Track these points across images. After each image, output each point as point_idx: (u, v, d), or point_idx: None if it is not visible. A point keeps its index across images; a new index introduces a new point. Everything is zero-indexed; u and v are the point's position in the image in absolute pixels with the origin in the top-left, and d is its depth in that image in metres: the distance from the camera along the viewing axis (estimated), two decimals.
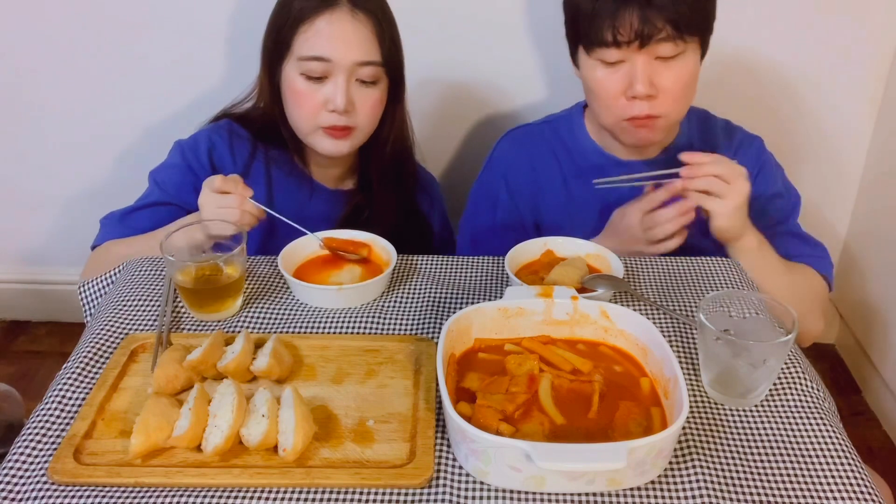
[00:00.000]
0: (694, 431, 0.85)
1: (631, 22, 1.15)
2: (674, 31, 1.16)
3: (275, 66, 1.29)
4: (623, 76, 1.21)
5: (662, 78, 1.20)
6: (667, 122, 1.26)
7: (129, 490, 0.78)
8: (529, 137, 1.43)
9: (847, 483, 0.79)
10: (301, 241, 1.15)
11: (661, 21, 1.15)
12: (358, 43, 1.23)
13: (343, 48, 1.22)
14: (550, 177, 1.38)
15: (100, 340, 0.99)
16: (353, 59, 1.23)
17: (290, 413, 0.82)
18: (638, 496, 0.78)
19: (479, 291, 1.11)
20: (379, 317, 1.04)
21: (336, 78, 1.23)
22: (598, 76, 1.23)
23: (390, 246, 1.14)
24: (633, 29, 1.15)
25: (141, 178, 1.36)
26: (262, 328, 1.03)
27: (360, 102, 1.26)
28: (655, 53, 1.18)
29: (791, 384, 0.92)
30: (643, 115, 1.22)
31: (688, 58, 1.20)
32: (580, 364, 0.90)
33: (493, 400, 0.83)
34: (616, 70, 1.21)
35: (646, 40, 1.16)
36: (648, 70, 1.19)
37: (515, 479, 0.77)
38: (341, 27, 1.22)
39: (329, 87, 1.24)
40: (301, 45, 1.23)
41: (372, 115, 1.29)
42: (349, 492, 0.78)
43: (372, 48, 1.24)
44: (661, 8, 1.14)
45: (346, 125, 1.26)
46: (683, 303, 1.08)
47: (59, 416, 0.87)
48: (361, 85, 1.26)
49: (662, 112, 1.23)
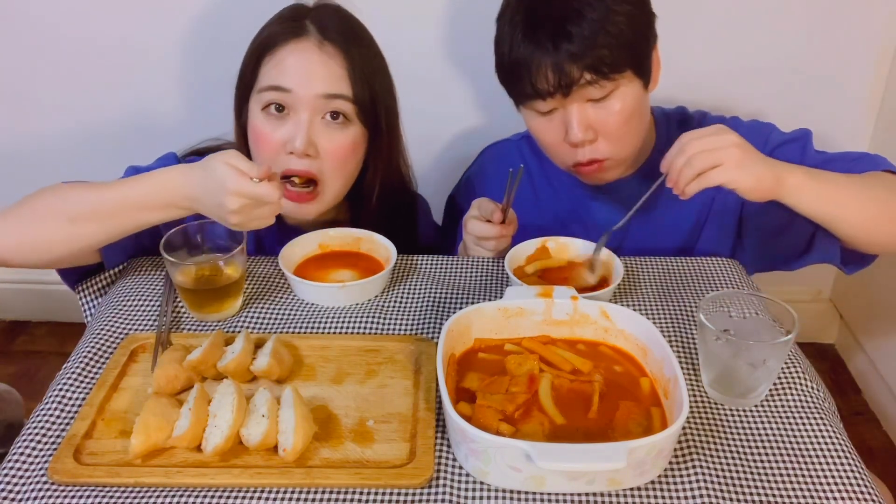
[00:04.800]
0: (694, 431, 0.85)
1: (546, 74, 1.10)
2: (594, 76, 1.09)
3: (242, 105, 1.18)
4: (559, 124, 1.15)
5: (598, 119, 1.14)
6: (615, 161, 1.19)
7: (129, 490, 0.78)
8: (507, 154, 1.40)
9: (847, 483, 0.79)
10: (300, 240, 1.14)
11: (577, 69, 1.09)
12: (324, 75, 1.11)
13: (305, 79, 1.10)
14: (524, 195, 1.29)
15: (100, 340, 0.99)
16: (315, 92, 1.10)
17: (290, 413, 0.82)
18: (638, 496, 0.78)
19: (479, 291, 1.11)
20: (379, 317, 1.04)
21: (298, 115, 1.11)
22: (537, 126, 1.19)
23: (390, 243, 1.14)
24: (549, 81, 1.10)
25: None
26: (262, 328, 1.03)
27: (325, 145, 1.12)
28: (585, 97, 1.12)
29: (791, 384, 0.92)
30: (587, 160, 1.17)
31: (623, 93, 1.13)
32: (580, 364, 0.90)
33: (493, 400, 0.83)
34: (551, 118, 1.16)
35: (567, 90, 1.10)
36: (581, 115, 1.13)
37: (515, 479, 0.77)
38: (306, 57, 1.11)
39: (290, 125, 1.11)
40: (263, 75, 1.13)
41: (340, 162, 1.14)
42: (349, 492, 0.78)
43: (341, 83, 1.11)
44: (574, 56, 1.08)
45: (308, 171, 1.12)
46: (683, 303, 1.08)
47: (59, 416, 0.87)
48: (328, 125, 1.12)
49: (607, 154, 1.17)
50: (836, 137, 1.80)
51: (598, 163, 1.18)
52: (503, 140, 1.44)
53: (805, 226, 1.13)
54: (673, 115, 1.33)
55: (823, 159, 1.18)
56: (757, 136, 1.20)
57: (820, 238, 1.15)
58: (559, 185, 1.34)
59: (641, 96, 1.17)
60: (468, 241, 1.20)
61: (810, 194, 1.01)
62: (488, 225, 1.15)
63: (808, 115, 1.76)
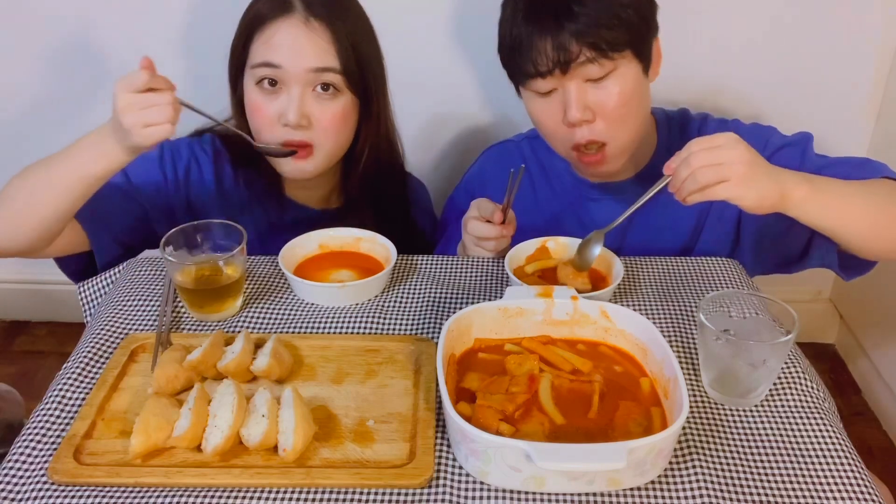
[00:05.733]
0: (694, 431, 0.85)
1: (546, 51, 1.10)
2: (594, 53, 1.10)
3: (236, 80, 1.24)
4: (558, 104, 1.16)
5: (597, 100, 1.14)
6: (616, 147, 1.18)
7: (129, 490, 0.78)
8: (507, 155, 1.40)
9: (847, 483, 0.79)
10: (300, 240, 1.15)
11: (577, 45, 1.09)
12: (311, 50, 1.16)
13: (294, 55, 1.15)
14: (523, 196, 1.29)
15: (100, 340, 0.99)
16: (304, 66, 1.15)
17: (290, 413, 0.82)
18: (638, 496, 0.78)
19: (479, 291, 1.11)
20: (379, 317, 1.04)
21: (290, 89, 1.17)
22: (536, 107, 1.20)
23: (390, 243, 1.14)
24: (549, 58, 1.11)
25: None
26: (262, 328, 1.03)
27: (318, 116, 1.18)
28: (584, 76, 1.12)
29: (791, 384, 0.92)
30: (585, 141, 1.17)
31: (622, 74, 1.13)
32: (580, 364, 0.91)
33: (493, 400, 0.83)
34: (550, 99, 1.16)
35: (566, 67, 1.11)
36: (580, 94, 1.13)
37: (515, 479, 0.77)
38: (293, 33, 1.16)
39: (283, 99, 1.17)
40: (254, 52, 1.18)
41: (333, 130, 1.21)
42: (349, 492, 0.78)
43: (327, 56, 1.16)
44: (576, 33, 1.09)
45: (304, 141, 1.19)
46: (683, 303, 1.08)
47: (59, 416, 0.87)
48: (319, 97, 1.18)
49: (605, 136, 1.16)
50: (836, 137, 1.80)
51: (599, 152, 1.18)
52: (504, 141, 1.44)
53: (803, 231, 1.13)
54: (675, 118, 1.33)
55: (823, 164, 1.18)
56: (757, 139, 1.19)
57: (817, 244, 1.15)
58: (559, 186, 1.34)
59: (640, 80, 1.17)
60: (468, 241, 1.20)
61: (815, 207, 1.00)
62: (488, 225, 1.15)
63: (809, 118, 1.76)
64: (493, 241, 1.16)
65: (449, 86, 1.72)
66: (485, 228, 1.15)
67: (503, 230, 1.15)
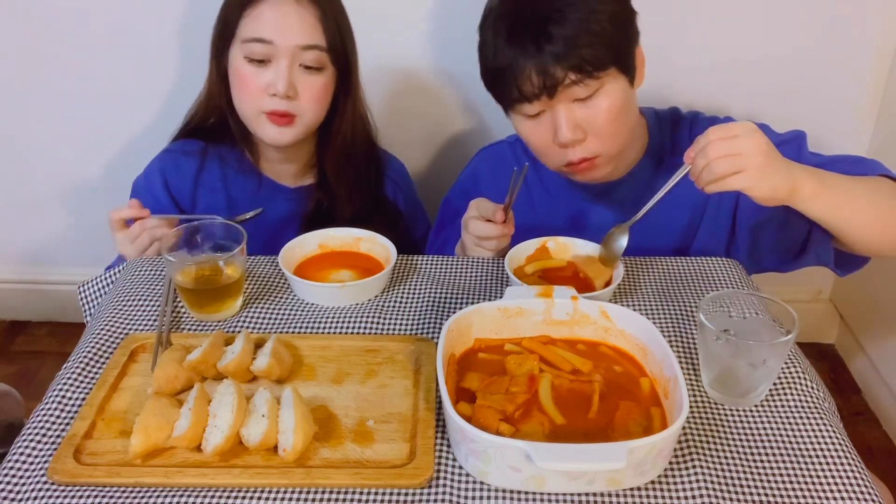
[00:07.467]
0: (694, 431, 0.85)
1: (530, 77, 1.10)
2: (578, 75, 1.09)
3: (222, 50, 1.30)
4: (548, 126, 1.15)
5: (586, 118, 1.13)
6: (607, 157, 1.19)
7: (129, 490, 0.78)
8: (501, 156, 1.40)
9: (847, 483, 0.79)
10: (300, 240, 1.15)
11: (561, 69, 1.09)
12: (301, 27, 1.24)
13: (285, 32, 1.23)
14: (519, 197, 1.25)
15: (100, 340, 0.99)
16: (294, 43, 1.23)
17: (290, 413, 0.82)
18: (638, 496, 0.78)
19: (479, 291, 1.11)
20: (379, 317, 1.04)
21: (278, 62, 1.24)
22: (525, 129, 1.20)
23: (390, 243, 1.14)
24: (534, 83, 1.10)
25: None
26: (262, 328, 1.03)
27: (304, 89, 1.27)
28: (571, 97, 1.12)
29: (791, 384, 0.92)
30: (578, 160, 1.17)
31: (609, 90, 1.13)
32: (580, 364, 0.91)
33: (493, 400, 0.83)
34: (539, 121, 1.16)
35: (552, 91, 1.11)
36: (569, 115, 1.13)
37: (515, 479, 0.77)
38: (283, 10, 1.23)
39: (271, 71, 1.24)
40: (245, 27, 1.25)
41: (316, 102, 1.29)
42: (349, 492, 0.78)
43: (315, 33, 1.25)
44: (556, 56, 1.08)
45: (288, 111, 1.26)
46: (683, 303, 1.08)
47: (59, 416, 0.87)
48: (305, 71, 1.26)
49: (597, 151, 1.17)
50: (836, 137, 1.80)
51: (588, 160, 1.18)
52: (497, 142, 1.45)
53: (799, 228, 1.13)
54: (665, 117, 1.33)
55: (819, 162, 1.18)
56: None
57: (814, 240, 1.15)
58: (554, 187, 1.34)
59: (627, 93, 1.17)
60: (468, 241, 1.20)
61: (822, 203, 1.01)
62: (490, 225, 1.15)
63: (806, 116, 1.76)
64: (495, 240, 1.16)
65: (444, 86, 1.72)
66: (486, 228, 1.15)
67: (504, 229, 1.15)
